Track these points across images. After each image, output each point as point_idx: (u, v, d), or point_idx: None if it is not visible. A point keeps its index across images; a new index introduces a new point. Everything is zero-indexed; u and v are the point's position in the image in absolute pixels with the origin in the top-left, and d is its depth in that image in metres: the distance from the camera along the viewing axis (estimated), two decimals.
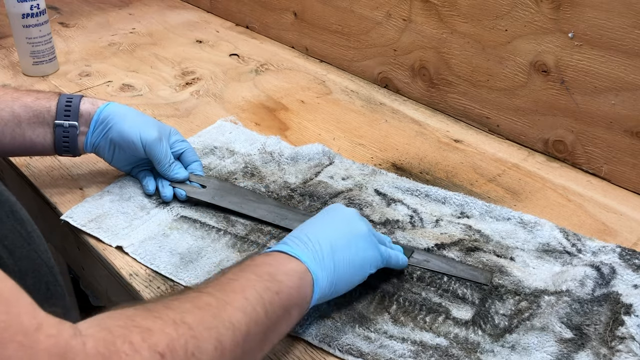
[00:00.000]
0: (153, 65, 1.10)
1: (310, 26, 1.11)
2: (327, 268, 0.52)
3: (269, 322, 0.47)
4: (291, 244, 0.53)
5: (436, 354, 0.54)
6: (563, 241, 0.67)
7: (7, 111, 0.67)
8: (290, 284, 0.49)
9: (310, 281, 0.51)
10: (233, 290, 0.46)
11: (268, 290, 0.47)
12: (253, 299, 0.46)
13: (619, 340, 0.54)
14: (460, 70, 0.90)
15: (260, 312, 0.46)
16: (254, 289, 0.47)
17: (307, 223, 0.57)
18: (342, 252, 0.54)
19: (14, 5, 0.97)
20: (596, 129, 0.78)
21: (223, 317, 0.43)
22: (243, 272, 0.49)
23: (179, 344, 0.39)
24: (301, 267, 0.51)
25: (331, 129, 0.90)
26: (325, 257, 0.53)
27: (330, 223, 0.57)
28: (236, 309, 0.44)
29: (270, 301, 0.47)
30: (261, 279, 0.48)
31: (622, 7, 0.70)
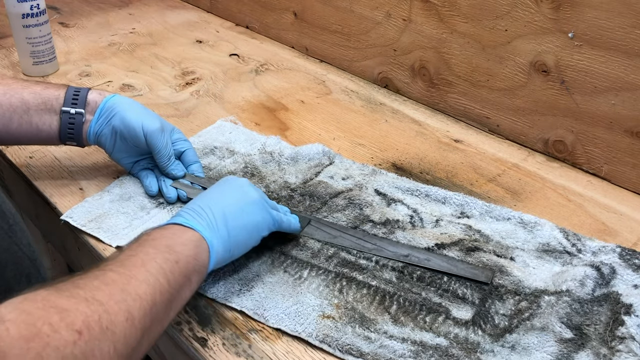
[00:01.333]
0: (153, 65, 1.10)
1: (310, 26, 1.11)
2: (222, 235, 0.56)
3: (172, 290, 0.50)
4: (185, 216, 0.56)
5: (436, 354, 0.54)
6: (563, 241, 0.67)
7: (16, 98, 0.68)
8: (187, 252, 0.53)
9: (206, 248, 0.55)
10: (134, 265, 0.49)
11: (168, 261, 0.51)
12: (155, 270, 0.49)
13: (619, 340, 0.54)
14: (460, 70, 0.90)
15: (163, 282, 0.49)
16: (154, 261, 0.50)
17: (201, 195, 0.60)
18: (234, 219, 0.58)
19: (14, 5, 0.97)
20: (596, 129, 0.78)
21: (129, 290, 0.46)
22: (141, 247, 0.51)
23: (93, 320, 0.42)
24: (196, 236, 0.54)
25: (331, 129, 0.90)
26: (219, 225, 0.56)
27: (222, 192, 0.60)
28: (140, 281, 0.48)
29: (171, 270, 0.50)
30: (160, 251, 0.51)
31: (622, 7, 0.70)
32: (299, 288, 0.60)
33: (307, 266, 0.63)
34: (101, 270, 0.48)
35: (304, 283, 0.61)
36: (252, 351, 0.54)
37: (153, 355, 0.65)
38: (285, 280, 0.61)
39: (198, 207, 0.57)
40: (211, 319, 0.58)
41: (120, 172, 0.77)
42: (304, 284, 0.61)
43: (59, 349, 0.39)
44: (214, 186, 0.62)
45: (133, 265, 0.49)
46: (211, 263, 0.55)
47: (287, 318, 0.57)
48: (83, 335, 0.41)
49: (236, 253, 0.59)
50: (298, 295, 0.59)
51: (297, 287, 0.60)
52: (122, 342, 0.44)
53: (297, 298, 0.59)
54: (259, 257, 0.64)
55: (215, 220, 0.56)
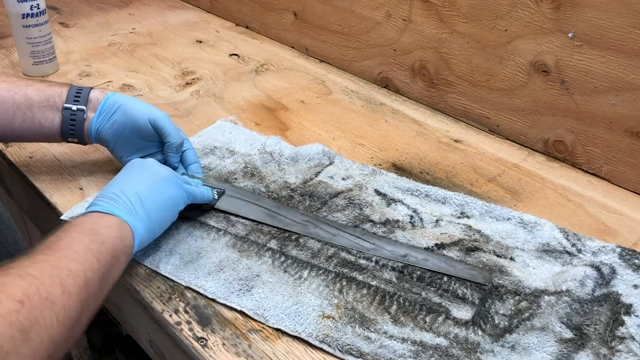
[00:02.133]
0: (153, 65, 1.10)
1: (310, 26, 1.11)
2: (141, 216, 0.58)
3: (102, 269, 0.51)
4: (102, 204, 0.57)
5: (436, 354, 0.54)
6: (563, 241, 0.67)
7: (20, 94, 0.69)
8: (112, 234, 0.54)
9: (129, 230, 0.56)
10: (61, 247, 0.50)
11: (94, 242, 0.52)
12: (82, 250, 0.51)
13: (619, 340, 0.54)
14: (460, 70, 0.90)
15: (93, 260, 0.51)
16: (80, 242, 0.51)
17: (112, 181, 0.61)
18: (150, 199, 0.59)
19: (14, 5, 0.97)
20: (596, 129, 0.78)
21: (61, 266, 0.48)
22: (65, 233, 0.52)
23: (32, 291, 0.44)
24: (117, 220, 0.56)
25: (331, 129, 0.90)
26: (136, 207, 0.58)
27: (132, 175, 0.62)
28: (70, 259, 0.49)
29: (99, 250, 0.52)
30: (85, 234, 0.53)
31: (622, 7, 0.70)
32: (299, 288, 0.60)
33: (307, 266, 0.63)
34: (30, 254, 0.49)
35: (304, 283, 0.61)
36: (252, 351, 0.54)
37: (153, 355, 0.65)
38: (285, 280, 0.61)
39: (112, 194, 0.58)
40: (211, 319, 0.58)
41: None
42: (304, 284, 0.61)
43: (5, 316, 0.41)
44: (122, 171, 0.63)
45: (60, 247, 0.50)
46: (135, 244, 0.57)
47: (287, 318, 0.57)
48: (25, 305, 0.42)
49: (157, 231, 0.61)
50: (298, 295, 0.59)
51: (297, 287, 0.60)
52: (63, 313, 0.46)
53: (297, 298, 0.59)
54: (259, 257, 0.64)
55: (132, 203, 0.58)
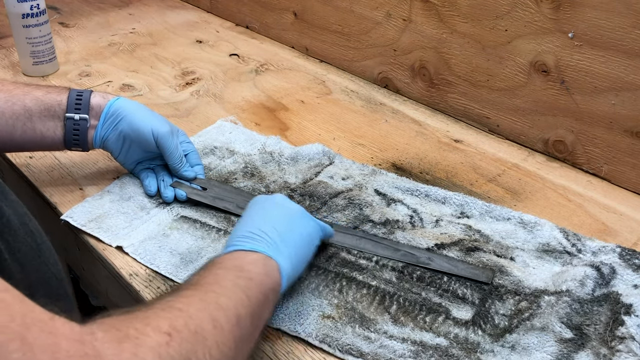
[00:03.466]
0: (153, 65, 1.10)
1: (310, 26, 1.11)
2: (283, 252, 0.54)
3: (253, 306, 0.47)
4: (241, 243, 0.53)
5: (436, 354, 0.54)
6: (563, 241, 0.67)
7: (19, 105, 0.67)
8: (258, 270, 0.50)
9: (275, 266, 0.52)
10: (208, 283, 0.47)
11: (241, 278, 0.48)
12: (230, 286, 0.47)
13: (619, 340, 0.54)
14: (460, 70, 0.90)
15: (242, 296, 0.47)
16: (227, 279, 0.48)
17: (243, 221, 0.57)
18: (289, 235, 0.55)
19: (14, 5, 0.97)
20: (596, 129, 0.78)
21: (210, 301, 0.44)
22: (209, 271, 0.49)
23: (179, 323, 0.40)
24: (261, 256, 0.52)
25: (331, 129, 0.90)
26: (278, 243, 0.54)
27: (265, 212, 0.57)
28: (219, 294, 0.45)
29: (248, 286, 0.48)
30: (231, 271, 0.49)
31: (622, 7, 0.70)
32: (299, 288, 0.60)
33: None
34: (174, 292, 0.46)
35: (303, 283, 0.61)
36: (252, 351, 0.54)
37: None
38: None
39: (249, 233, 0.54)
40: None
41: (120, 172, 0.77)
42: (304, 283, 0.61)
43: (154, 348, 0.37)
44: (250, 209, 0.58)
45: (207, 283, 0.47)
46: (283, 280, 0.52)
47: (287, 318, 0.57)
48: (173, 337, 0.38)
49: (299, 269, 0.56)
50: (298, 295, 0.59)
51: (296, 287, 0.60)
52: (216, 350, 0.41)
53: (297, 298, 0.59)
54: None
55: (272, 239, 0.53)
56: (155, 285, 0.61)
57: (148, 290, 0.60)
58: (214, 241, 0.66)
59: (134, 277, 0.62)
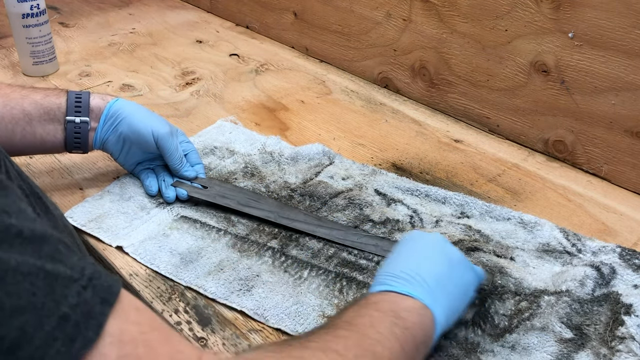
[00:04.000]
0: (153, 65, 1.10)
1: (310, 26, 1.11)
2: (440, 302, 0.49)
3: (406, 357, 0.45)
4: (394, 283, 0.49)
5: (436, 354, 0.54)
6: (563, 241, 0.67)
7: (17, 109, 0.66)
8: (414, 320, 0.47)
9: (430, 317, 0.48)
10: (364, 325, 0.45)
11: (397, 326, 0.45)
12: (387, 333, 0.44)
13: (619, 340, 0.54)
14: (460, 70, 0.90)
15: (397, 346, 0.44)
16: (383, 324, 0.45)
17: (400, 259, 0.53)
18: (448, 283, 0.51)
19: (14, 5, 0.97)
20: (596, 129, 0.78)
21: (366, 347, 0.42)
22: (365, 310, 0.47)
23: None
24: (418, 304, 0.48)
25: (331, 129, 0.90)
26: (436, 292, 0.50)
27: (426, 254, 0.53)
28: (375, 341, 0.43)
29: (403, 335, 0.45)
30: (386, 315, 0.46)
31: (622, 7, 0.70)
32: (299, 288, 0.60)
33: (307, 266, 0.63)
34: (329, 328, 0.44)
35: (304, 283, 0.61)
36: None
37: None
38: (286, 280, 0.61)
39: (406, 275, 0.50)
40: (211, 319, 0.58)
41: (120, 172, 0.77)
42: (304, 284, 0.61)
43: None
44: (408, 246, 0.54)
45: (362, 324, 0.44)
46: (436, 334, 0.49)
47: (287, 318, 0.57)
48: None
49: (452, 321, 0.52)
50: (298, 295, 0.59)
51: (297, 287, 0.60)
52: None
53: (297, 298, 0.59)
54: (259, 257, 0.64)
55: (429, 286, 0.49)
56: (155, 285, 0.61)
57: (148, 290, 0.60)
58: (214, 241, 0.66)
59: (134, 277, 0.62)
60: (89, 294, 0.32)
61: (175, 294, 0.60)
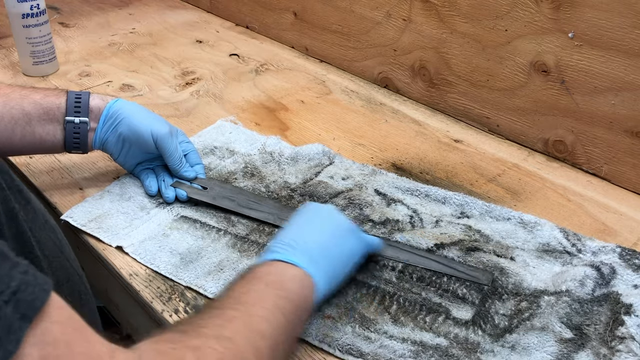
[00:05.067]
0: (153, 65, 1.10)
1: (310, 26, 1.11)
2: (322, 268, 0.53)
3: (288, 327, 0.48)
4: (282, 252, 0.53)
5: (436, 354, 0.54)
6: (563, 241, 0.67)
7: (17, 109, 0.66)
8: (296, 289, 0.50)
9: (311, 284, 0.52)
10: (250, 302, 0.47)
11: (281, 298, 0.48)
12: (272, 307, 0.47)
13: (619, 340, 0.54)
14: (460, 70, 0.90)
15: (281, 319, 0.47)
16: (268, 298, 0.48)
17: (290, 227, 0.57)
18: (332, 250, 0.55)
19: (14, 5, 0.97)
20: (596, 129, 0.78)
21: (253, 327, 0.45)
22: (251, 284, 0.49)
23: (227, 356, 0.41)
24: (300, 272, 0.52)
25: (331, 129, 0.90)
26: (318, 258, 0.53)
27: (313, 223, 0.57)
28: (261, 318, 0.46)
29: (286, 307, 0.48)
30: (271, 288, 0.49)
31: (622, 7, 0.70)
32: None
33: None
34: (218, 309, 0.46)
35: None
36: None
37: None
38: None
39: (293, 242, 0.54)
40: None
41: (120, 172, 0.77)
42: None
43: None
44: (300, 216, 0.58)
45: (248, 302, 0.47)
46: (316, 299, 0.52)
47: None
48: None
49: (334, 286, 0.56)
50: None
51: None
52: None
53: None
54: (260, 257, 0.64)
55: (314, 254, 0.53)
56: (155, 285, 0.61)
57: (148, 290, 0.60)
58: (214, 241, 0.66)
59: (134, 277, 0.62)
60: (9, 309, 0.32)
61: (175, 294, 0.60)
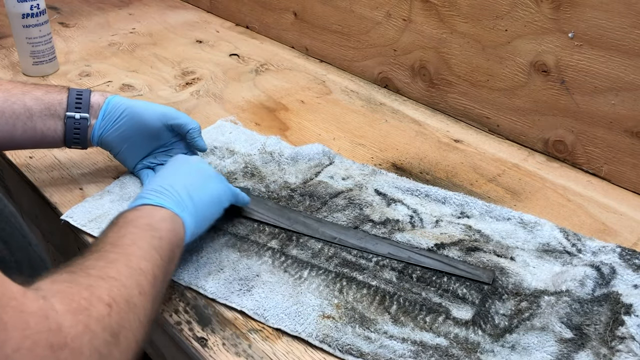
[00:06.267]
0: (153, 65, 1.10)
1: (310, 26, 1.11)
2: (189, 209, 0.58)
3: (164, 264, 0.52)
4: (150, 197, 0.57)
5: (436, 354, 0.54)
6: (563, 241, 0.67)
7: (18, 104, 0.67)
8: (167, 228, 0.55)
9: (180, 223, 0.56)
10: (127, 244, 0.51)
11: (154, 238, 0.53)
12: (147, 247, 0.51)
13: (619, 340, 0.54)
14: (460, 70, 0.90)
15: (157, 256, 0.51)
16: (142, 239, 0.52)
17: (158, 175, 0.62)
18: (197, 193, 0.60)
19: (14, 5, 0.97)
20: (596, 129, 0.78)
21: (133, 266, 0.49)
22: (124, 228, 0.53)
23: (115, 294, 0.44)
24: (169, 213, 0.56)
25: (331, 129, 0.90)
26: (185, 201, 0.58)
27: (180, 171, 0.62)
28: (139, 257, 0.50)
29: (160, 246, 0.53)
30: (143, 230, 0.53)
31: (622, 7, 0.70)
32: (299, 288, 0.60)
33: (307, 266, 0.63)
34: (99, 252, 0.49)
35: (304, 283, 0.61)
36: (252, 351, 0.54)
37: (153, 356, 0.65)
38: (286, 280, 0.61)
39: (160, 187, 0.58)
40: (211, 319, 0.58)
41: (121, 172, 0.77)
42: (304, 284, 0.61)
43: (99, 320, 0.42)
44: (168, 166, 0.64)
45: (125, 244, 0.51)
46: (187, 236, 0.57)
47: (287, 318, 0.57)
48: (113, 308, 0.43)
49: (204, 226, 0.61)
50: (298, 295, 0.59)
51: (297, 287, 0.60)
52: (142, 314, 0.46)
53: (297, 298, 0.59)
54: (259, 257, 0.64)
55: (181, 196, 0.58)
56: None
57: None
58: (213, 241, 0.66)
59: None
60: None
61: (175, 294, 0.60)
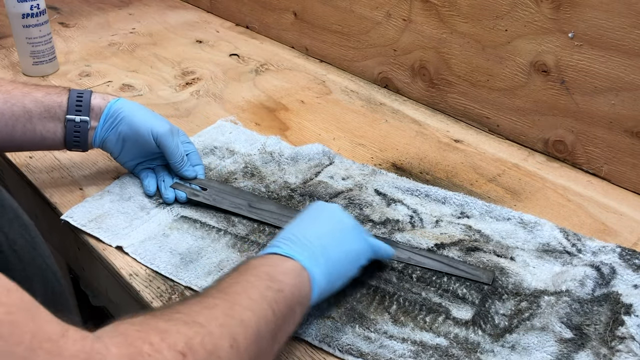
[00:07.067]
0: (153, 65, 1.10)
1: (310, 26, 1.11)
2: (321, 264, 0.52)
3: (276, 320, 0.47)
4: (282, 245, 0.53)
5: (436, 354, 0.54)
6: (563, 241, 0.67)
7: (18, 106, 0.66)
8: (290, 282, 0.49)
9: (307, 278, 0.51)
10: (236, 292, 0.46)
11: (270, 289, 0.47)
12: (258, 297, 0.46)
13: (619, 340, 0.54)
14: (460, 70, 0.90)
15: (268, 310, 0.46)
16: (256, 289, 0.47)
17: (293, 223, 0.56)
18: (333, 247, 0.54)
19: (14, 5, 0.97)
20: (596, 129, 0.78)
21: (233, 315, 0.43)
22: (242, 275, 0.49)
23: (196, 342, 0.39)
24: (297, 266, 0.51)
25: (331, 129, 0.90)
26: (318, 254, 0.53)
27: (316, 220, 0.57)
28: (244, 307, 0.45)
29: (275, 299, 0.47)
30: (261, 279, 0.48)
31: (622, 7, 0.70)
32: None
33: None
34: (201, 296, 0.46)
35: None
36: None
37: None
38: None
39: (293, 236, 0.53)
40: None
41: (121, 172, 0.77)
42: None
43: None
44: (304, 214, 0.58)
45: (235, 292, 0.46)
46: (314, 294, 0.51)
47: None
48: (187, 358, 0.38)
49: (337, 285, 0.55)
50: None
51: None
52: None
53: None
54: None
55: (314, 249, 0.53)
56: (155, 285, 0.61)
57: (148, 290, 0.60)
58: (213, 241, 0.66)
59: (134, 277, 0.62)
60: None
61: (175, 294, 0.60)
